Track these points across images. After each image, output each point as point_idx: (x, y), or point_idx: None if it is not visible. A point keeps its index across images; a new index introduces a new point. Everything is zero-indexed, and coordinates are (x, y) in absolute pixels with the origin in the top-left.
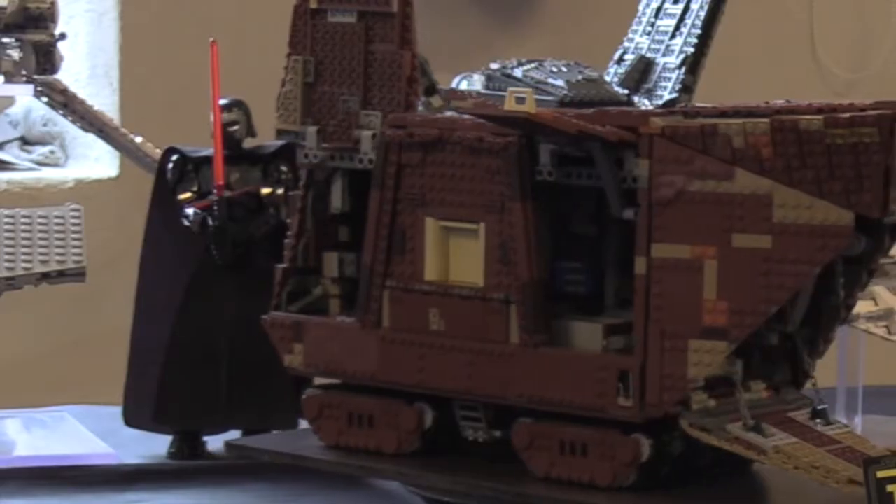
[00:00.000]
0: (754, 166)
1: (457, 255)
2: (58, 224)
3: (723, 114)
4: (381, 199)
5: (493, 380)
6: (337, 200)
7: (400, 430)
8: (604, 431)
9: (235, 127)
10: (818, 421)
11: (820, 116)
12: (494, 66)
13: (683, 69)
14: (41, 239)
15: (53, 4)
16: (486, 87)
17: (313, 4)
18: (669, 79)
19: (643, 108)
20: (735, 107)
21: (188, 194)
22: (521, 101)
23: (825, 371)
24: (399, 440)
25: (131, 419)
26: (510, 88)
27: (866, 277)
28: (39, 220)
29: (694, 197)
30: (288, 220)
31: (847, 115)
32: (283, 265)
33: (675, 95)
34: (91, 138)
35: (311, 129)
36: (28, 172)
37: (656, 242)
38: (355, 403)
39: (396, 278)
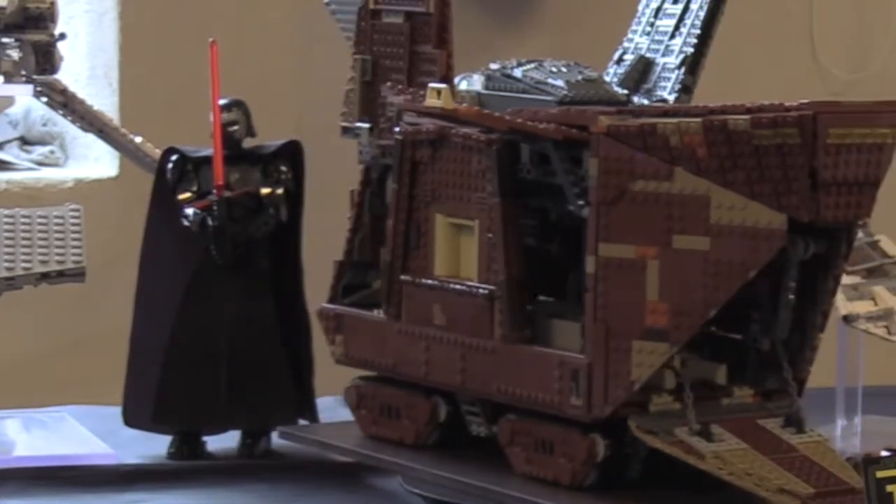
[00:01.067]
0: (692, 166)
1: (464, 252)
2: (57, 224)
3: (665, 113)
4: (399, 195)
5: (480, 375)
6: (390, 196)
7: (418, 423)
8: (566, 430)
9: (235, 127)
10: (790, 429)
11: (747, 117)
12: (494, 66)
13: (683, 69)
14: (41, 239)
15: (53, 4)
16: (486, 87)
17: (372, 5)
18: (669, 79)
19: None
20: (675, 107)
21: (188, 194)
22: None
23: (825, 371)
24: (417, 433)
25: (131, 419)
26: (430, 83)
27: (832, 283)
28: (39, 221)
29: (637, 197)
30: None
31: (770, 115)
32: (340, 259)
33: (674, 95)
34: (91, 138)
35: (364, 127)
36: (28, 172)
37: (603, 242)
38: (384, 395)
39: (411, 273)
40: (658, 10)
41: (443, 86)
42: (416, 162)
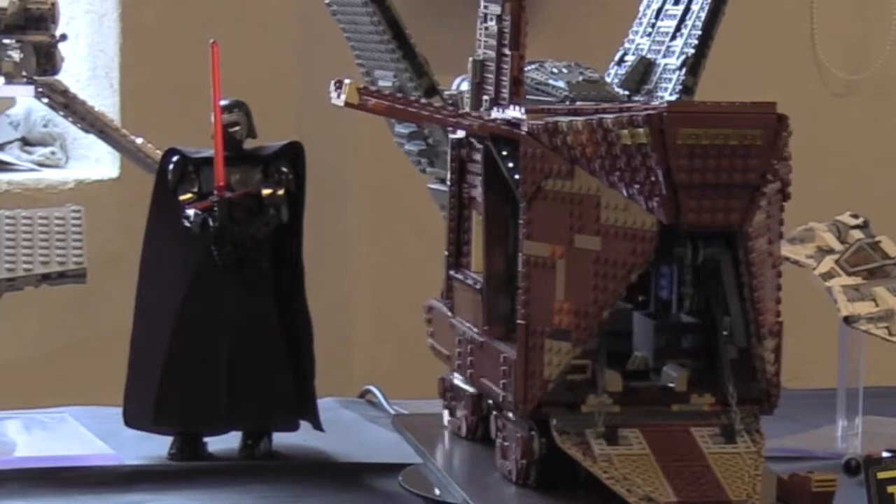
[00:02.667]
0: (585, 165)
1: None
2: (58, 225)
3: (575, 112)
4: (451, 194)
5: (473, 368)
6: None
7: (468, 416)
8: (515, 427)
9: (236, 128)
10: (721, 438)
11: (612, 116)
12: None
13: (684, 70)
14: (42, 240)
15: (54, 5)
16: None
17: (482, 8)
18: (670, 80)
19: None
20: (596, 106)
21: (189, 195)
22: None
23: (826, 372)
24: (468, 426)
25: (132, 420)
26: (348, 80)
27: (733, 290)
28: (40, 222)
29: (549, 195)
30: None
31: (627, 114)
32: (446, 254)
33: (675, 96)
34: (92, 139)
35: None
36: (29, 173)
37: (526, 239)
38: (452, 387)
39: (458, 268)
40: (659, 11)
41: (347, 81)
42: (463, 160)
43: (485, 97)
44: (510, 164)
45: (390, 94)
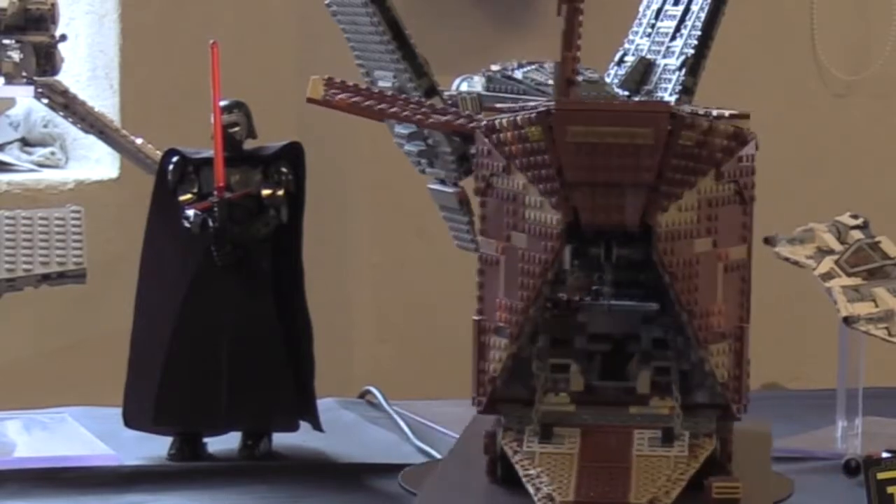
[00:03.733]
0: (515, 163)
1: None
2: (58, 225)
3: (523, 108)
4: None
5: None
6: None
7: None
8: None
9: (236, 129)
10: (658, 441)
11: (524, 112)
12: (495, 67)
13: (684, 70)
14: (41, 240)
15: (54, 6)
16: (487, 89)
17: (557, 13)
18: (670, 80)
19: None
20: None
21: (188, 196)
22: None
23: (826, 373)
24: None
25: (132, 420)
26: (312, 76)
27: (673, 294)
28: (40, 222)
29: (495, 192)
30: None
31: (525, 112)
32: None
33: (675, 97)
34: (91, 140)
35: None
36: (28, 174)
37: (480, 235)
38: None
39: None
40: (659, 11)
41: (314, 77)
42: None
43: None
44: None
45: (360, 89)
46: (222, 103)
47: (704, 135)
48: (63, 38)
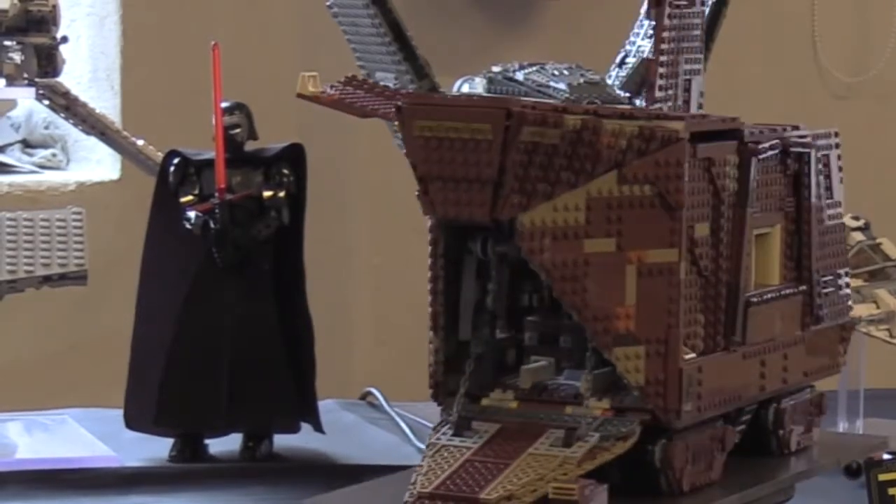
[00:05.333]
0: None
1: None
2: (59, 227)
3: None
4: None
5: None
6: None
7: None
8: None
9: (237, 130)
10: (559, 441)
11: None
12: (496, 68)
13: None
14: (43, 242)
15: (55, 7)
16: (488, 90)
17: (647, 17)
18: None
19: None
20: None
21: (190, 197)
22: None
23: None
24: None
25: (133, 422)
26: (304, 73)
27: (551, 293)
28: (41, 223)
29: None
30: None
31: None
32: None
33: None
34: (93, 141)
35: None
36: (30, 175)
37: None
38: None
39: None
40: None
41: (304, 73)
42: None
43: None
44: None
45: (364, 82)
46: (223, 105)
47: (577, 133)
48: (64, 39)
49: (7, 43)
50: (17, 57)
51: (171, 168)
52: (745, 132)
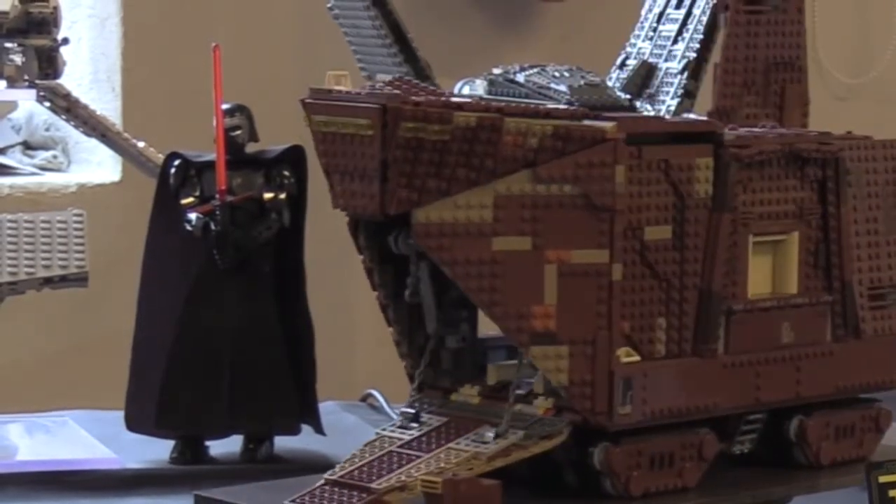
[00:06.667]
0: None
1: None
2: (60, 229)
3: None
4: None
5: None
6: None
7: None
8: None
9: (238, 132)
10: (487, 437)
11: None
12: (497, 70)
13: (685, 74)
14: (44, 244)
15: (56, 9)
16: (489, 92)
17: (713, 21)
18: (672, 84)
19: (644, 112)
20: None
21: (190, 199)
22: (339, 81)
23: None
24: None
25: (134, 424)
26: (329, 72)
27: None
28: (42, 225)
29: None
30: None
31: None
32: None
33: (677, 100)
34: (93, 143)
35: None
36: (30, 177)
37: None
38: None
39: None
40: (661, 14)
41: (343, 71)
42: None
43: None
44: None
45: (407, 82)
46: (224, 106)
47: (473, 131)
48: (65, 41)
49: (8, 45)
50: (18, 59)
51: (172, 170)
52: (728, 135)
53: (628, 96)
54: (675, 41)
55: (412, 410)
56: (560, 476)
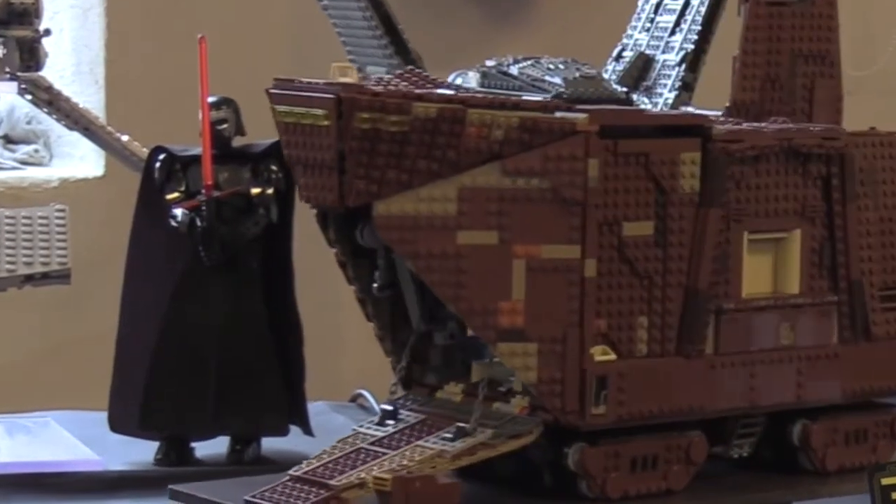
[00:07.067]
0: None
1: None
2: (42, 225)
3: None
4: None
5: None
6: None
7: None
8: None
9: (224, 125)
10: (451, 435)
11: None
12: (490, 62)
13: (683, 66)
14: (25, 240)
15: (38, 0)
16: (482, 85)
17: (738, 13)
18: (669, 76)
19: (641, 105)
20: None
21: (176, 194)
22: (345, 74)
23: None
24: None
25: (117, 425)
26: (334, 63)
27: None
28: (23, 221)
29: None
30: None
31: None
32: None
33: (675, 93)
34: (76, 137)
35: None
36: (12, 172)
37: None
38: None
39: None
40: (658, 5)
41: (335, 63)
42: None
43: None
44: None
45: (419, 73)
46: (210, 99)
47: (433, 122)
48: (47, 32)
49: None
50: None
51: (157, 164)
52: (720, 130)
53: (625, 89)
54: (672, 32)
55: (390, 407)
56: (541, 477)
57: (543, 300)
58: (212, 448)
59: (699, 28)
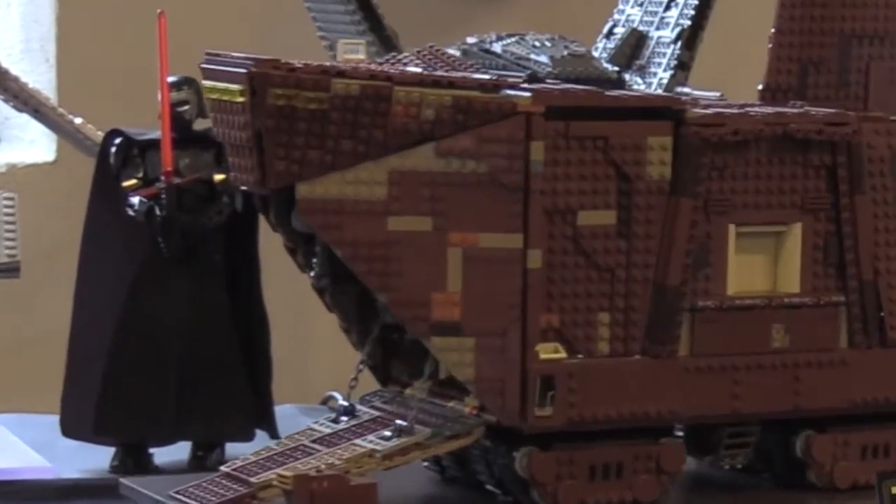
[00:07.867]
0: None
1: None
2: None
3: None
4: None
5: None
6: None
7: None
8: None
9: (185, 107)
10: (386, 435)
11: None
12: (471, 40)
13: (679, 44)
14: None
15: None
16: None
17: None
18: (664, 54)
19: (634, 86)
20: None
21: (133, 181)
22: (353, 51)
23: None
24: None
25: (70, 429)
26: (341, 40)
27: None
28: None
29: None
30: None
31: None
32: None
33: (670, 72)
34: (25, 119)
35: None
36: None
37: None
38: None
39: None
40: None
41: (342, 40)
42: None
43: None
44: None
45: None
46: (170, 79)
47: (355, 100)
48: None
49: None
50: None
51: (113, 149)
52: (695, 113)
53: (616, 68)
54: (667, 7)
55: (345, 403)
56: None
57: (482, 292)
58: (172, 454)
59: (696, 2)
